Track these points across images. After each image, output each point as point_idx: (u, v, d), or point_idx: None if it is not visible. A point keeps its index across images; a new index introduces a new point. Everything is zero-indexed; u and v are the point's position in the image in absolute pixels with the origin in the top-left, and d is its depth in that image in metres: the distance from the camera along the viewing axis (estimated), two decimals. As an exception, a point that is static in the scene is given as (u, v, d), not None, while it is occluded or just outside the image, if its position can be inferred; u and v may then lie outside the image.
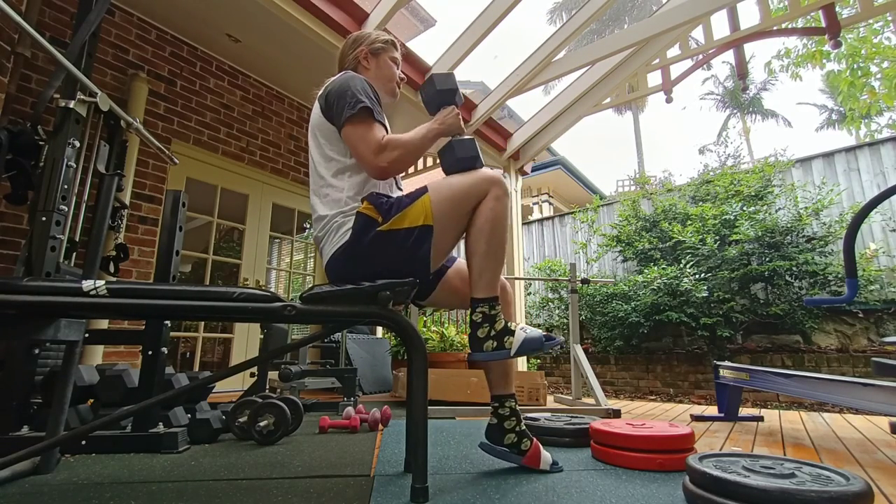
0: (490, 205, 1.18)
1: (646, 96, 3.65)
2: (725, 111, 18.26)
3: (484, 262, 1.18)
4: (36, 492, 1.10)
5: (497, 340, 1.14)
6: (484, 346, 1.15)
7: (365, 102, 1.17)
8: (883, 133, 7.09)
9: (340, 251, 1.17)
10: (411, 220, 1.15)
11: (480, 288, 1.18)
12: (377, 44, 1.42)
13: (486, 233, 1.18)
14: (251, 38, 3.34)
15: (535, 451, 1.31)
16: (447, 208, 1.17)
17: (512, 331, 1.16)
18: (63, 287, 1.06)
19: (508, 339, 1.14)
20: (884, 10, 2.77)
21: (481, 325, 1.17)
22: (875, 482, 1.26)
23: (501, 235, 1.20)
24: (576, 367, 2.99)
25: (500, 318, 1.17)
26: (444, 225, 1.17)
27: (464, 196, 1.19)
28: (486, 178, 1.20)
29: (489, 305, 1.17)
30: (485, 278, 1.18)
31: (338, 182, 1.21)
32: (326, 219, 1.20)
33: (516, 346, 1.13)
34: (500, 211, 1.19)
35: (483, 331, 1.16)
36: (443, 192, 1.19)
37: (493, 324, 1.16)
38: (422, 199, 1.17)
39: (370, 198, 1.18)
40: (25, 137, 1.67)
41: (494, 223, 1.18)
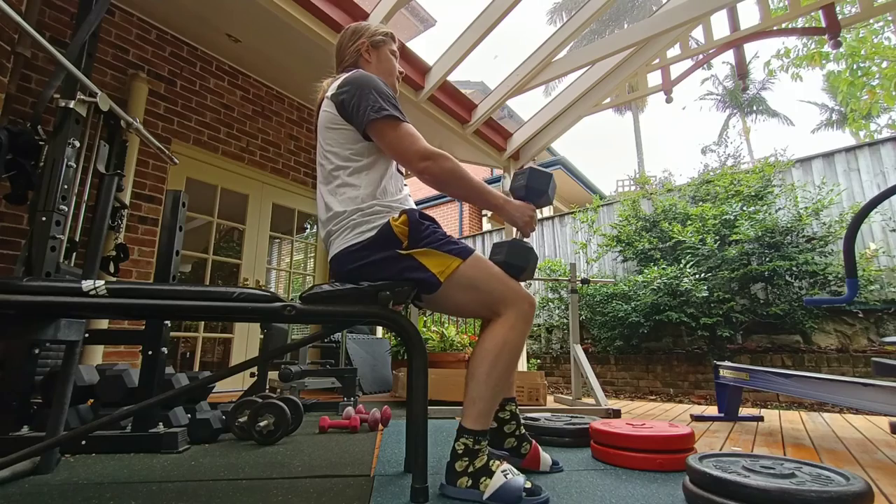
0: (507, 327, 1.12)
1: (646, 96, 3.64)
2: (725, 111, 18.27)
3: (482, 390, 1.09)
4: (36, 492, 1.10)
5: (473, 479, 1.05)
6: (458, 481, 1.07)
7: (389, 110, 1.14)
8: (883, 133, 7.09)
9: (352, 249, 1.15)
10: (429, 264, 1.12)
11: (471, 418, 1.09)
12: (378, 36, 1.40)
13: (490, 359, 1.10)
14: (251, 38, 3.34)
15: (534, 453, 1.31)
16: (467, 286, 1.13)
17: (492, 472, 1.05)
18: (63, 287, 1.06)
19: (485, 480, 1.04)
20: (884, 10, 2.77)
21: (461, 457, 1.08)
22: (875, 482, 1.26)
23: (507, 368, 1.12)
24: (576, 367, 2.99)
25: (483, 456, 1.08)
26: (452, 294, 1.14)
27: (489, 291, 1.14)
28: (521, 296, 1.14)
29: (475, 439, 1.08)
30: (478, 407, 1.09)
31: (355, 181, 1.19)
32: (343, 215, 1.17)
33: (490, 491, 1.03)
34: (515, 340, 1.12)
35: (461, 464, 1.07)
36: (476, 270, 1.14)
37: (473, 459, 1.07)
38: (453, 260, 1.13)
39: (410, 216, 1.15)
40: (25, 137, 1.67)
41: (504, 351, 1.11)
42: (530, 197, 1.25)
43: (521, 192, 1.25)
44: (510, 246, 1.20)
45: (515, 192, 1.27)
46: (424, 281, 1.12)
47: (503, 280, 1.15)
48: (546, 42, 3.19)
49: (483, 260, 1.18)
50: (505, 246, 1.20)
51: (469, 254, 1.15)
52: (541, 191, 1.25)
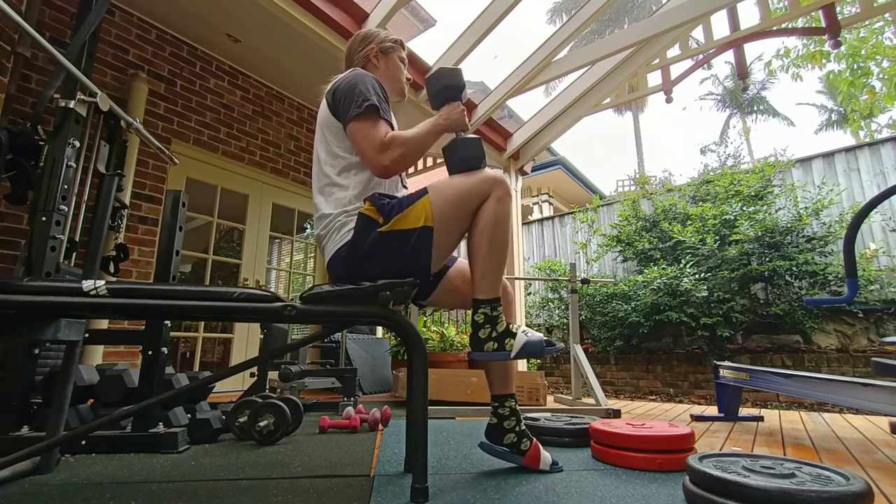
0: (492, 206, 1.18)
1: (646, 96, 3.65)
2: (726, 111, 18.27)
3: (486, 262, 1.18)
4: (36, 492, 1.10)
5: (498, 342, 1.14)
6: (485, 346, 1.15)
7: (372, 100, 1.17)
8: (883, 133, 7.09)
9: (342, 250, 1.17)
10: (411, 222, 1.14)
11: (483, 289, 1.18)
12: (387, 43, 1.42)
13: (487, 234, 1.17)
14: (251, 38, 3.34)
15: (534, 451, 1.31)
16: (448, 209, 1.17)
17: (513, 333, 1.15)
18: (63, 287, 1.06)
19: (509, 341, 1.14)
20: (884, 10, 2.77)
21: (483, 325, 1.17)
22: (875, 482, 1.26)
23: (504, 236, 1.20)
24: (576, 367, 2.99)
25: (502, 320, 1.17)
26: (445, 226, 1.17)
27: (466, 197, 1.18)
28: (489, 179, 1.19)
29: (491, 306, 1.17)
30: (487, 279, 1.18)
31: (343, 180, 1.21)
32: (330, 217, 1.20)
33: (517, 348, 1.13)
34: (502, 212, 1.18)
35: (484, 331, 1.16)
36: (444, 192, 1.18)
37: (494, 325, 1.16)
38: (422, 201, 1.16)
39: (372, 198, 1.18)
40: (25, 137, 1.67)
41: (496, 224, 1.18)
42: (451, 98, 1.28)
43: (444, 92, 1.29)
44: (461, 143, 1.24)
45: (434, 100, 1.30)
46: (423, 240, 1.14)
47: (468, 178, 1.20)
48: (546, 42, 3.19)
49: (440, 182, 1.22)
50: (457, 144, 1.25)
51: (425, 188, 1.20)
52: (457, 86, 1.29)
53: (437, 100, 1.30)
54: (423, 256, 1.15)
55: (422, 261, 1.16)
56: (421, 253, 1.15)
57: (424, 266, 1.17)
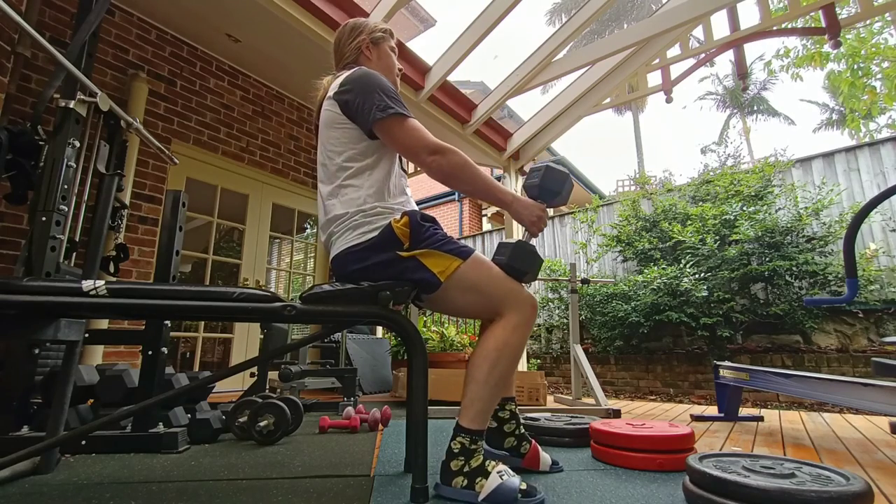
0: (509, 330, 1.11)
1: (646, 96, 3.64)
2: (726, 111, 18.27)
3: (480, 391, 1.09)
4: (36, 492, 1.10)
5: (468, 479, 1.04)
6: (453, 480, 1.05)
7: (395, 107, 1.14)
8: (883, 133, 7.09)
9: (353, 250, 1.14)
10: (429, 263, 1.12)
11: (467, 417, 1.08)
12: (377, 33, 1.38)
13: (491, 361, 1.09)
14: (251, 38, 3.34)
15: (534, 452, 1.31)
16: (468, 287, 1.13)
17: (487, 472, 1.05)
18: (63, 287, 1.06)
19: (480, 480, 1.03)
20: (883, 10, 2.77)
21: (457, 456, 1.07)
22: (875, 482, 1.26)
23: (508, 369, 1.12)
24: (576, 367, 2.99)
25: (479, 456, 1.07)
26: (452, 295, 1.14)
27: (489, 293, 1.13)
28: (522, 298, 1.13)
29: (471, 438, 1.07)
30: (475, 408, 1.08)
31: (357, 181, 1.18)
32: (346, 216, 1.16)
33: (486, 492, 1.02)
34: (515, 344, 1.11)
35: (457, 464, 1.06)
36: (477, 272, 1.13)
37: (469, 459, 1.06)
38: (453, 259, 1.12)
39: (411, 217, 1.14)
40: (25, 137, 1.67)
41: (504, 353, 1.10)
42: (543, 196, 1.21)
43: (533, 190, 1.22)
44: (515, 247, 1.17)
45: (528, 190, 1.24)
46: (425, 281, 1.12)
47: (504, 281, 1.14)
48: (546, 42, 3.19)
49: (484, 261, 1.17)
50: (510, 247, 1.18)
51: (469, 254, 1.14)
52: (555, 191, 1.21)
53: (529, 189, 1.23)
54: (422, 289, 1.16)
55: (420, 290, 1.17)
56: (422, 287, 1.15)
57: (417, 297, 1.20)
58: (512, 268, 1.16)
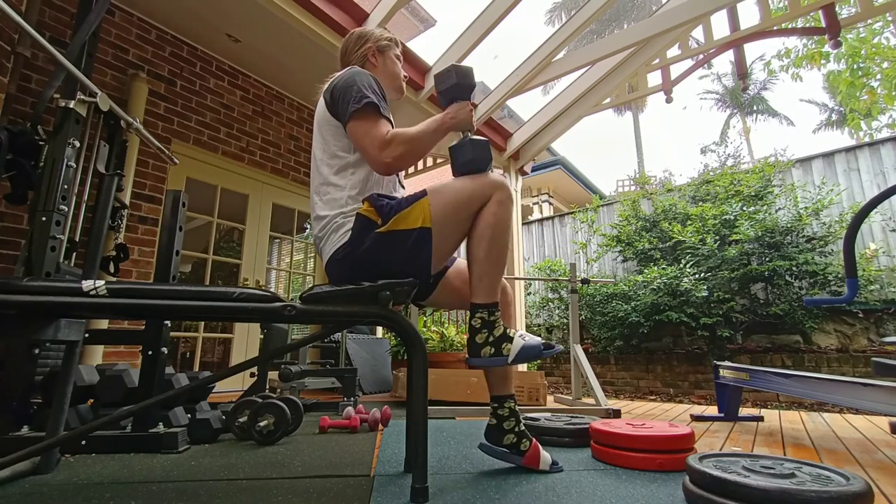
0: (493, 210, 1.17)
1: (646, 96, 3.64)
2: (726, 111, 18.27)
3: (484, 267, 1.17)
4: (36, 492, 1.10)
5: (495, 347, 1.14)
6: (482, 351, 1.14)
7: (371, 98, 1.16)
8: (883, 133, 7.09)
9: (340, 252, 1.17)
10: (410, 222, 1.14)
11: (480, 293, 1.17)
12: (383, 41, 1.42)
13: (487, 238, 1.16)
14: (251, 38, 3.34)
15: (534, 451, 1.31)
16: (447, 211, 1.16)
17: (510, 337, 1.15)
18: (63, 287, 1.06)
19: (506, 345, 1.13)
20: (884, 10, 2.77)
21: (480, 330, 1.16)
22: (875, 482, 1.26)
23: (503, 241, 1.19)
24: (576, 367, 2.99)
25: (500, 324, 1.16)
26: (444, 228, 1.16)
27: (466, 200, 1.17)
28: (490, 183, 1.18)
29: (488, 311, 1.16)
30: (485, 283, 1.17)
31: (339, 180, 1.20)
32: (326, 219, 1.19)
33: (514, 353, 1.12)
34: (502, 216, 1.17)
35: (481, 336, 1.15)
36: (443, 194, 1.17)
37: (491, 330, 1.15)
38: (420, 202, 1.16)
39: (371, 199, 1.17)
40: (25, 137, 1.67)
41: (496, 228, 1.17)
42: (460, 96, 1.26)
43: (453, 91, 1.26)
44: (469, 144, 1.22)
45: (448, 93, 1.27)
46: (420, 240, 1.13)
47: (469, 181, 1.19)
48: (546, 42, 3.19)
49: (439, 185, 1.21)
50: (464, 145, 1.22)
51: (426, 191, 1.18)
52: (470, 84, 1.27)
53: (445, 97, 1.28)
54: (422, 257, 1.15)
55: (421, 261, 1.15)
56: (420, 254, 1.14)
57: (424, 267, 1.16)
58: (472, 161, 1.21)
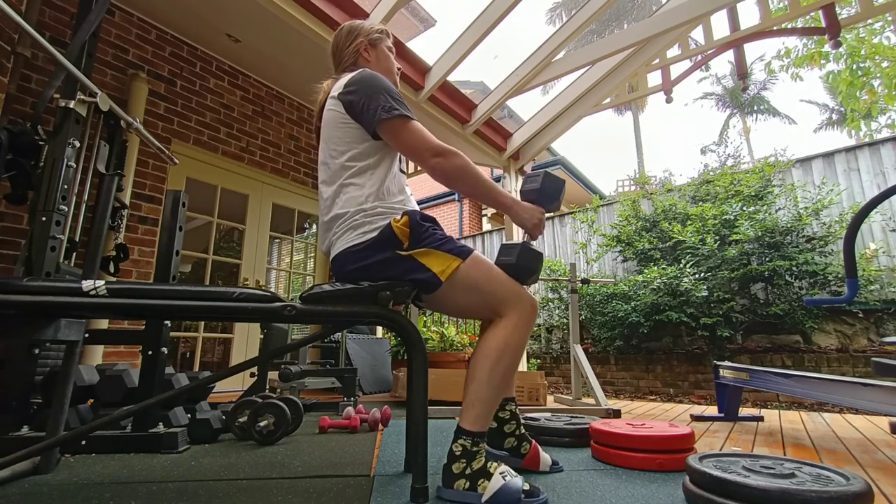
0: (509, 329, 1.11)
1: (646, 96, 3.64)
2: (726, 111, 18.27)
3: (481, 391, 1.08)
4: (36, 492, 1.10)
5: (470, 481, 1.04)
6: (455, 483, 1.05)
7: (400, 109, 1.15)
8: (883, 133, 7.09)
9: (353, 250, 1.15)
10: (429, 263, 1.12)
11: (468, 419, 1.08)
12: (374, 34, 1.40)
13: (492, 361, 1.09)
14: (251, 38, 3.34)
15: (534, 452, 1.31)
16: (467, 285, 1.13)
17: (489, 474, 1.04)
18: (63, 287, 1.06)
19: (483, 482, 1.03)
20: (884, 10, 2.77)
21: (458, 458, 1.06)
22: (875, 482, 1.26)
23: (509, 368, 1.11)
24: (576, 367, 2.99)
25: (481, 458, 1.07)
26: (452, 294, 1.14)
27: (490, 292, 1.13)
28: (524, 297, 1.14)
29: (473, 441, 1.07)
30: (476, 410, 1.08)
31: (359, 180, 1.18)
32: (346, 216, 1.16)
33: (489, 493, 1.01)
34: (516, 341, 1.11)
35: (458, 466, 1.05)
36: (477, 270, 1.14)
37: (471, 461, 1.05)
38: (453, 258, 1.13)
39: (411, 217, 1.14)
40: (25, 137, 1.67)
41: (506, 352, 1.10)
42: (541, 201, 1.24)
43: (532, 195, 1.25)
44: (521, 248, 1.19)
45: (526, 195, 1.26)
46: (425, 281, 1.12)
47: (504, 281, 1.15)
48: (546, 42, 3.19)
49: (483, 260, 1.17)
50: (516, 248, 1.19)
51: (468, 254, 1.15)
52: (553, 196, 1.25)
53: (526, 194, 1.26)
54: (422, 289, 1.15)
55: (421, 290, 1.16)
56: (422, 287, 1.14)
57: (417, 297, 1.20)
58: (519, 267, 1.17)
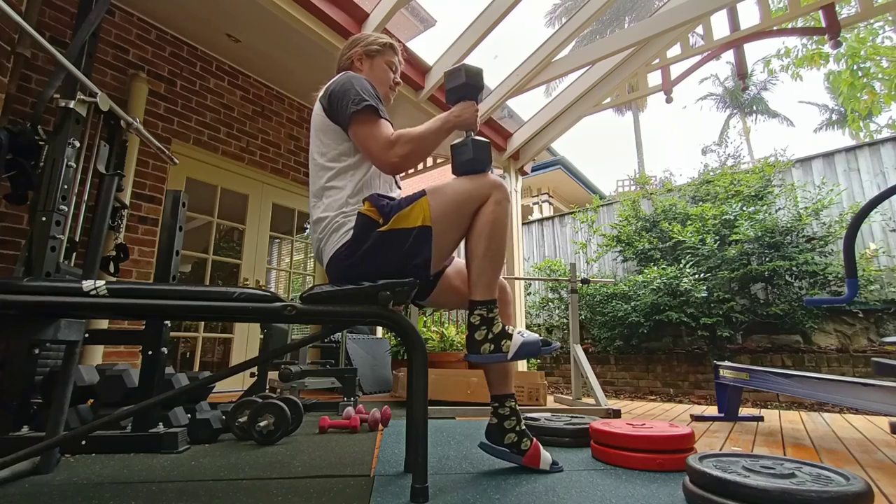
0: (491, 208, 1.18)
1: (646, 96, 3.64)
2: (726, 111, 18.28)
3: (483, 264, 1.18)
4: (36, 492, 1.10)
5: (494, 343, 1.15)
6: (481, 348, 1.15)
7: (369, 101, 1.18)
8: (883, 133, 7.09)
9: (342, 251, 1.17)
10: (410, 221, 1.15)
11: (479, 290, 1.18)
12: (373, 46, 1.43)
13: (485, 236, 1.18)
14: (251, 38, 3.34)
15: (535, 450, 1.31)
16: (446, 210, 1.18)
17: (509, 334, 1.16)
18: (63, 287, 1.06)
19: (506, 342, 1.15)
20: (884, 11, 2.77)
21: (479, 327, 1.17)
22: (875, 482, 1.26)
23: (501, 239, 1.21)
24: (576, 367, 2.99)
25: (498, 322, 1.18)
26: (444, 227, 1.17)
27: (464, 199, 1.19)
28: (488, 183, 1.20)
29: (487, 308, 1.17)
30: (483, 281, 1.18)
31: (339, 182, 1.22)
32: (327, 220, 1.20)
33: (513, 350, 1.13)
34: (500, 215, 1.19)
35: (480, 333, 1.16)
36: (443, 194, 1.19)
37: (490, 327, 1.16)
38: (420, 202, 1.17)
39: (371, 199, 1.19)
40: (25, 137, 1.67)
41: (494, 226, 1.18)
42: (468, 96, 1.27)
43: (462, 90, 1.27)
44: (473, 143, 1.23)
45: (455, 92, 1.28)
46: (422, 239, 1.14)
47: (467, 182, 1.21)
48: (546, 42, 3.19)
49: (439, 185, 1.22)
50: (466, 145, 1.23)
51: (424, 191, 1.20)
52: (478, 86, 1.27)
53: (452, 95, 1.29)
54: (422, 255, 1.15)
55: (421, 260, 1.16)
56: (420, 252, 1.15)
57: (424, 265, 1.17)
58: (477, 160, 1.22)
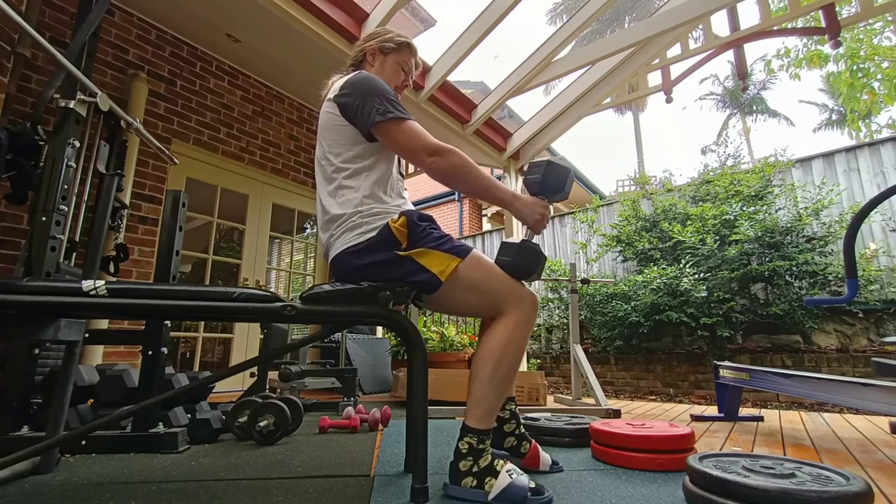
0: (511, 325, 1.10)
1: (646, 96, 3.64)
2: (725, 111, 18.28)
3: (487, 390, 1.08)
4: (36, 492, 1.10)
5: (478, 479, 1.04)
6: (462, 480, 1.05)
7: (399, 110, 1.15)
8: (883, 133, 7.09)
9: (353, 250, 1.15)
10: (427, 262, 1.11)
11: (475, 417, 1.08)
12: (389, 44, 1.38)
13: (495, 359, 1.09)
14: (251, 38, 3.34)
15: (534, 452, 1.31)
16: (466, 285, 1.12)
17: (496, 472, 1.05)
18: (63, 287, 1.06)
19: (490, 480, 1.03)
20: (883, 11, 2.77)
21: (465, 456, 1.07)
22: (875, 482, 1.26)
23: (512, 365, 1.11)
24: (576, 367, 2.99)
25: (488, 455, 1.07)
26: (454, 294, 1.13)
27: (490, 291, 1.13)
28: (524, 295, 1.13)
29: (479, 438, 1.07)
30: (483, 408, 1.08)
31: (353, 182, 1.18)
32: (343, 217, 1.17)
33: (496, 491, 1.02)
34: (518, 338, 1.11)
35: (465, 464, 1.06)
36: (477, 270, 1.13)
37: (477, 459, 1.06)
38: (451, 257, 1.12)
39: (409, 218, 1.14)
40: (25, 137, 1.67)
41: (508, 349, 1.10)
42: (545, 192, 1.18)
43: (535, 186, 1.19)
44: (520, 247, 1.15)
45: (529, 187, 1.20)
46: (425, 282, 1.12)
47: (504, 279, 1.14)
48: (546, 42, 3.19)
49: (483, 259, 1.16)
50: (514, 246, 1.15)
51: (467, 252, 1.14)
52: (557, 188, 1.18)
53: (531, 186, 1.20)
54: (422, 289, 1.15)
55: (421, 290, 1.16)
56: (422, 287, 1.14)
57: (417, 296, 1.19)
58: (517, 267, 1.14)
